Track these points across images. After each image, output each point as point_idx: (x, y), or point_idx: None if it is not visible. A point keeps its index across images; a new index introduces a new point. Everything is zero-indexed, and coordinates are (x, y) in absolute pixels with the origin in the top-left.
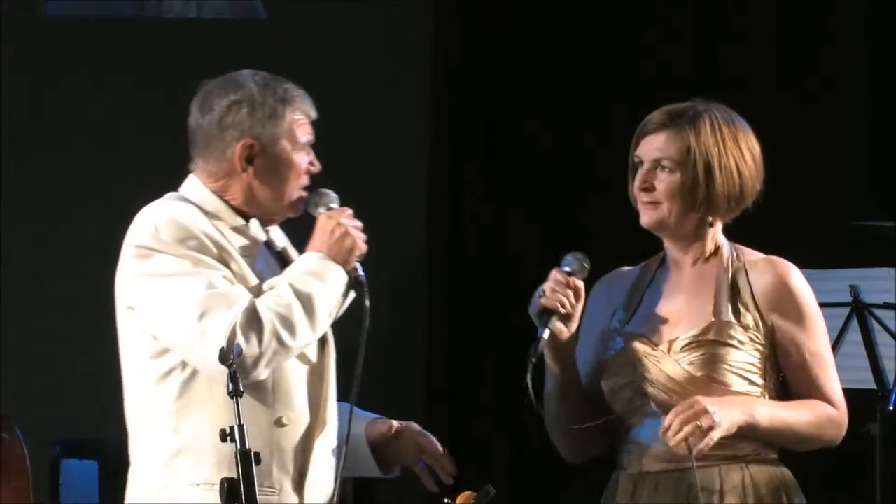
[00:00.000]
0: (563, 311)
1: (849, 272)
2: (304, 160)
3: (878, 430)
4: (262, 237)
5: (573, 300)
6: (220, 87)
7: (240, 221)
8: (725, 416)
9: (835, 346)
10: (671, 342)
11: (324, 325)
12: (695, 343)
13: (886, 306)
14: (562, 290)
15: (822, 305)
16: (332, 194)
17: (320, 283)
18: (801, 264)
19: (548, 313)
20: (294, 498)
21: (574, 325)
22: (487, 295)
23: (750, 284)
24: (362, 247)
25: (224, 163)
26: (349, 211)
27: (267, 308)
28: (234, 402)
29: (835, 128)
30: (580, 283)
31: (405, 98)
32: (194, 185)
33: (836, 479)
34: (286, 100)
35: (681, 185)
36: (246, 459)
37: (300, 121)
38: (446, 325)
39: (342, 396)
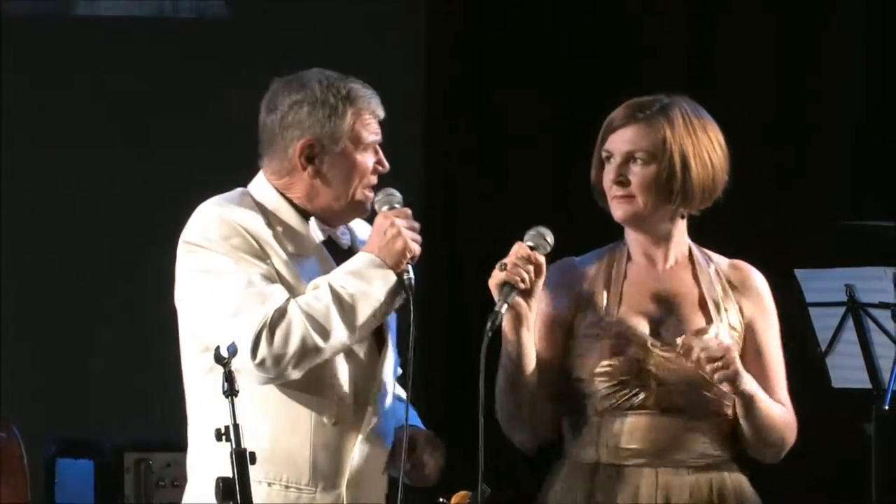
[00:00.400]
0: (522, 286)
1: (844, 271)
2: (370, 160)
3: (874, 430)
4: (320, 236)
5: (533, 275)
6: (285, 86)
7: (298, 220)
8: (747, 379)
9: (830, 346)
10: (671, 342)
11: (364, 326)
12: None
13: (882, 305)
14: (523, 265)
15: (817, 305)
16: (397, 195)
17: (363, 284)
18: (797, 263)
19: (507, 286)
20: (336, 497)
21: (534, 300)
22: (479, 294)
23: (730, 286)
24: (414, 249)
25: (286, 161)
26: (408, 211)
27: (299, 309)
28: (230, 401)
29: (831, 127)
30: (542, 259)
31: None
32: (259, 182)
33: (832, 478)
34: (349, 99)
35: (656, 177)
36: (241, 459)
37: (364, 120)
38: (442, 324)
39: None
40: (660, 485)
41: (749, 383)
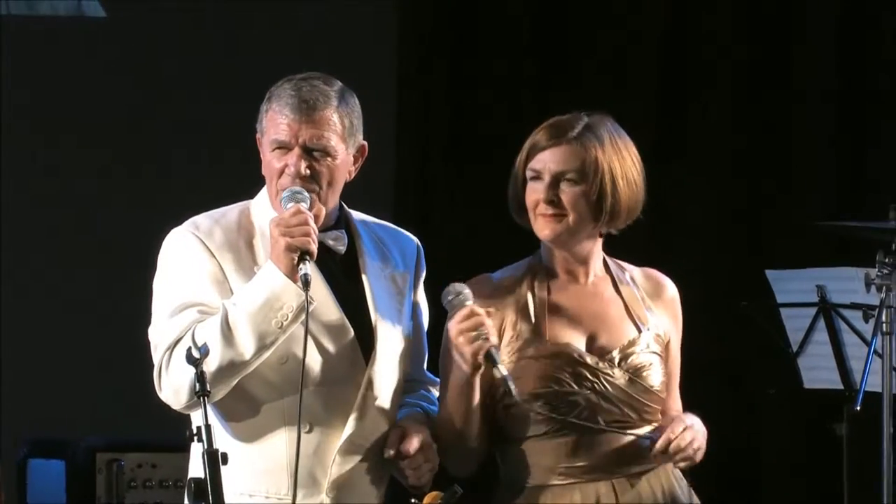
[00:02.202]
0: (495, 341)
1: (816, 272)
2: (276, 161)
3: (846, 430)
4: None
5: (489, 324)
6: None
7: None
8: (702, 440)
9: (802, 346)
10: (607, 356)
11: (260, 337)
12: (630, 355)
13: (854, 306)
14: (483, 327)
15: (789, 305)
16: (301, 193)
17: (250, 296)
18: (770, 264)
19: (489, 353)
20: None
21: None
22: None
23: (648, 296)
24: (299, 244)
25: None
26: (297, 207)
27: (190, 338)
28: (202, 401)
29: (803, 129)
30: (479, 309)
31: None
32: (262, 190)
33: (805, 478)
34: (270, 98)
35: (586, 196)
36: (212, 460)
37: (274, 119)
38: None
39: None
40: (616, 494)
41: (700, 451)
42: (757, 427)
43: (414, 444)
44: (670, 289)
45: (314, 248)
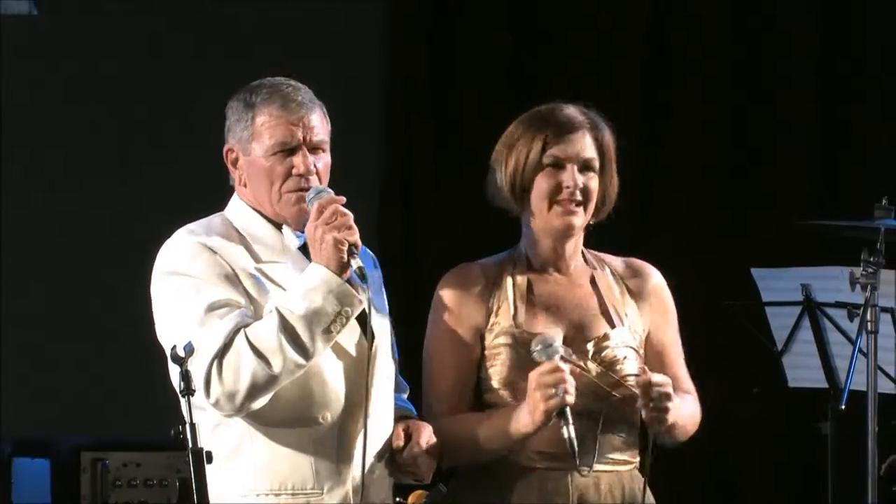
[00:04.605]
0: (572, 400)
1: (801, 271)
2: (278, 164)
3: (830, 429)
4: (296, 242)
5: (569, 380)
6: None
7: (268, 228)
8: (679, 414)
9: (787, 345)
10: (581, 348)
11: (320, 341)
12: (604, 348)
13: (838, 305)
14: (563, 385)
15: (774, 304)
16: (326, 191)
17: (307, 301)
18: (755, 263)
19: (563, 410)
20: (344, 497)
21: None
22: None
23: (627, 288)
24: (348, 239)
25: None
26: (333, 206)
27: (247, 341)
28: (186, 400)
29: (786, 127)
30: (563, 365)
31: (355, 98)
32: (233, 197)
33: (790, 476)
34: (257, 103)
35: (601, 186)
36: (197, 458)
37: (268, 123)
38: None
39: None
40: (574, 488)
41: (674, 413)
42: (741, 426)
43: (424, 439)
44: (654, 276)
45: (358, 237)
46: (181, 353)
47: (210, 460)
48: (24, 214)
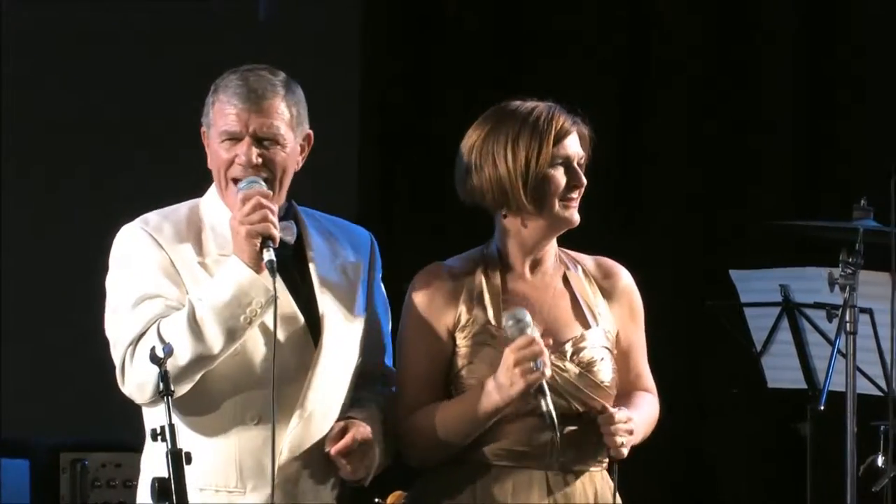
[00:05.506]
0: (549, 373)
1: (780, 272)
2: (225, 151)
3: (809, 430)
4: None
5: (545, 351)
6: None
7: (228, 219)
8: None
9: (765, 346)
10: (560, 348)
11: (228, 333)
12: (582, 349)
13: (817, 306)
14: (542, 358)
15: (753, 305)
16: (257, 182)
17: (217, 291)
18: (733, 264)
19: (541, 385)
20: (266, 497)
21: None
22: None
23: (600, 288)
24: (261, 231)
25: None
26: (256, 199)
27: (157, 333)
28: (165, 401)
29: (766, 127)
30: (538, 338)
31: (333, 100)
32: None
33: (769, 477)
34: (217, 89)
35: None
36: (176, 459)
37: (222, 109)
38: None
39: None
40: (549, 487)
41: (633, 440)
42: (720, 427)
43: (349, 440)
44: (624, 276)
45: (276, 232)
46: (160, 355)
47: (189, 461)
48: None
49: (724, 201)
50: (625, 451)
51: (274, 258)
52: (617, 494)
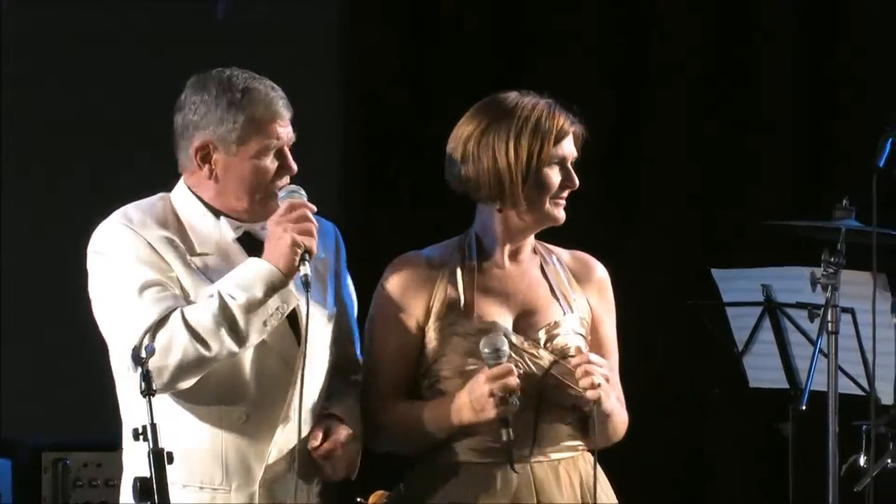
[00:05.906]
0: (517, 405)
1: (762, 271)
2: (267, 163)
3: (791, 430)
4: (232, 234)
5: (517, 382)
6: (191, 85)
7: (206, 218)
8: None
9: (747, 346)
10: (533, 336)
11: (254, 334)
12: (555, 336)
13: (799, 306)
14: (505, 389)
15: (734, 304)
16: (299, 192)
17: (249, 293)
18: (715, 263)
19: (504, 419)
20: (250, 497)
21: None
22: None
23: (575, 277)
24: (305, 244)
25: (188, 161)
26: (301, 210)
27: (182, 320)
28: (147, 401)
29: (766, 127)
30: (512, 368)
31: (317, 101)
32: (179, 183)
33: (751, 477)
34: (243, 102)
35: None
36: (158, 459)
37: (260, 124)
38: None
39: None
40: (532, 478)
41: (609, 401)
42: (702, 427)
43: (331, 447)
44: (599, 270)
45: (316, 247)
46: (142, 354)
47: (171, 461)
48: None
49: (723, 201)
50: (600, 394)
51: (310, 273)
52: (598, 466)
